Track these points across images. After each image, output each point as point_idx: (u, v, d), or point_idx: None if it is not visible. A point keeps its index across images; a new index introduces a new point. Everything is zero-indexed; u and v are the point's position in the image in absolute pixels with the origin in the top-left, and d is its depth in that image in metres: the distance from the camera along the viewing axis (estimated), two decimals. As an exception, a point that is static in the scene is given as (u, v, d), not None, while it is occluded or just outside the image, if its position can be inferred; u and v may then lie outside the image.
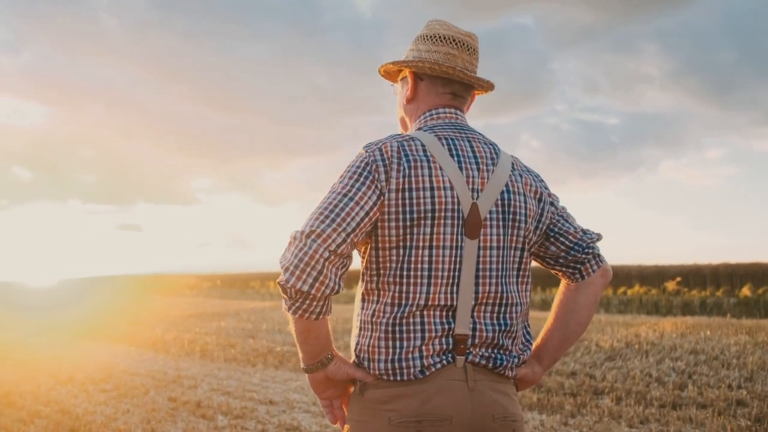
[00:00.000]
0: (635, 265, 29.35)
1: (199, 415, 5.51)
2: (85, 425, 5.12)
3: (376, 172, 1.49)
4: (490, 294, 1.55)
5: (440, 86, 1.67)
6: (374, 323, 1.52)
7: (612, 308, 16.18)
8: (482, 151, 1.60)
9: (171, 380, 7.15)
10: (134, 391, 6.55)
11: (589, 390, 6.03)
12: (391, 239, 1.50)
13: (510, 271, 1.59)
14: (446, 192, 1.51)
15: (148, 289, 34.08)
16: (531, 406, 5.50)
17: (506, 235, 1.57)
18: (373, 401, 1.51)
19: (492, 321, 1.55)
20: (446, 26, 1.68)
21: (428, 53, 1.65)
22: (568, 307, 1.73)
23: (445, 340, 1.51)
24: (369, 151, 1.53)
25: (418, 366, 1.49)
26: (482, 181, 1.56)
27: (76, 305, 21.41)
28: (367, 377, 1.53)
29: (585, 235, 1.72)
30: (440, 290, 1.50)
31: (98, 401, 6.12)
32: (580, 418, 5.15)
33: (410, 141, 1.55)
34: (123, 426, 5.11)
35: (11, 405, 5.95)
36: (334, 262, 1.42)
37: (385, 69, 1.74)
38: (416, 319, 1.50)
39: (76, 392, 6.57)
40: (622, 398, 5.71)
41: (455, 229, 1.51)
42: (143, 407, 5.80)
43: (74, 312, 18.24)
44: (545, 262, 1.74)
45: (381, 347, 1.50)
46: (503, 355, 1.57)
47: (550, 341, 1.75)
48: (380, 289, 1.53)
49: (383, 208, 1.49)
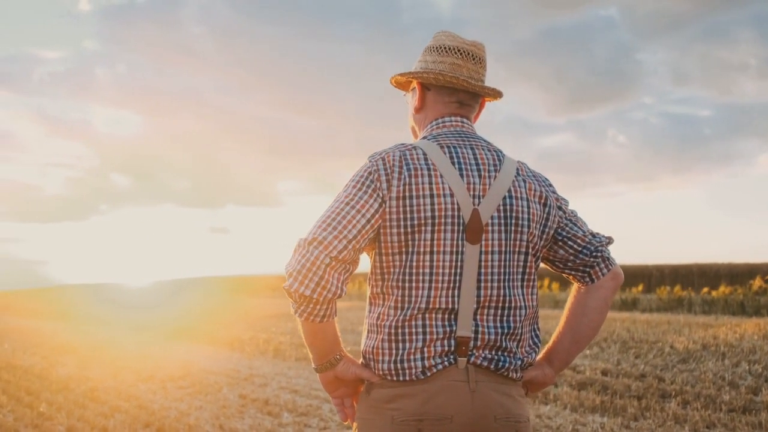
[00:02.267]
0: (725, 264, 28.10)
1: (266, 412, 5.73)
2: (159, 420, 5.42)
3: (378, 181, 1.57)
4: (492, 297, 1.59)
5: (446, 96, 1.73)
6: (379, 326, 1.60)
7: (695, 309, 15.57)
8: (485, 157, 1.65)
9: (243, 378, 7.43)
10: (208, 388, 6.86)
11: (656, 393, 5.89)
12: (393, 245, 1.58)
13: (514, 275, 1.63)
14: (446, 199, 1.57)
15: (235, 291, 35.15)
16: (593, 409, 5.44)
17: (508, 239, 1.61)
18: (378, 400, 1.59)
19: (495, 324, 1.60)
20: (452, 37, 1.73)
21: (434, 64, 1.71)
22: (578, 311, 1.76)
23: (447, 342, 1.56)
24: (372, 161, 1.61)
25: (419, 367, 1.55)
26: (484, 187, 1.61)
27: (166, 306, 22.39)
28: (373, 377, 1.60)
29: (594, 238, 1.74)
30: (441, 294, 1.56)
31: (174, 397, 6.45)
32: (642, 421, 5.06)
33: (412, 150, 1.62)
34: (194, 421, 5.37)
35: (95, 400, 6.35)
36: (336, 267, 1.50)
37: (395, 80, 1.81)
38: (418, 321, 1.56)
39: (156, 389, 6.93)
40: (689, 402, 5.55)
41: (456, 235, 1.57)
42: (215, 404, 6.07)
43: (164, 312, 19.08)
44: (555, 266, 1.78)
45: (384, 348, 1.58)
46: (507, 357, 1.60)
47: (560, 344, 1.79)
48: (384, 293, 1.61)
49: (385, 216, 1.56)
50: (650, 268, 28.66)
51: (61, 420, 5.45)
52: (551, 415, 5.33)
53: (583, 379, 6.56)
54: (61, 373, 8.01)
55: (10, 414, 5.74)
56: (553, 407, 5.59)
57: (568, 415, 5.32)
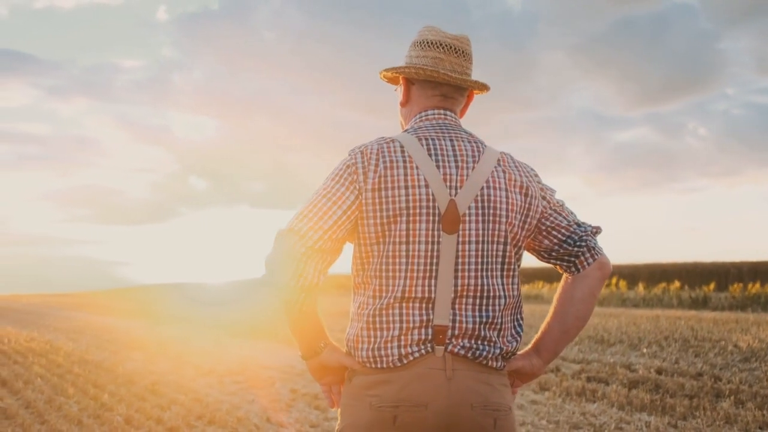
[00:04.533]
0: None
1: (314, 406, 5.86)
2: (211, 412, 5.62)
3: (355, 174, 1.62)
4: (470, 287, 1.62)
5: (429, 89, 1.77)
6: (359, 314, 1.66)
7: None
8: (463, 148, 1.68)
9: (296, 374, 7.61)
10: (262, 382, 7.06)
11: (710, 392, 5.71)
12: (371, 236, 1.63)
13: (492, 264, 1.65)
14: (420, 190, 1.61)
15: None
16: (641, 407, 5.32)
17: (486, 229, 1.64)
18: (359, 387, 1.64)
19: (473, 313, 1.62)
20: (434, 32, 1.76)
21: (417, 59, 1.76)
22: (565, 301, 1.76)
23: (424, 330, 1.60)
24: (351, 154, 1.67)
25: (395, 355, 1.59)
26: (461, 178, 1.64)
27: (239, 304, 22.87)
28: (354, 365, 1.66)
29: (579, 228, 1.74)
30: (417, 283, 1.60)
31: (229, 391, 6.67)
32: (691, 420, 4.92)
33: (390, 143, 1.66)
34: (243, 414, 5.55)
35: (155, 393, 6.63)
36: (312, 257, 1.56)
37: (384, 76, 1.86)
38: (395, 310, 1.61)
39: (213, 383, 7.19)
40: (744, 402, 5.36)
41: (431, 225, 1.60)
42: (266, 398, 6.25)
43: (236, 310, 19.51)
44: (540, 256, 1.79)
45: (363, 337, 1.63)
46: (486, 346, 1.63)
47: (549, 334, 1.79)
48: (365, 282, 1.66)
49: (362, 207, 1.61)
50: (726, 266, 27.49)
51: (120, 411, 5.72)
52: (596, 413, 5.25)
53: (635, 377, 6.42)
54: (128, 367, 8.38)
55: (76, 404, 6.07)
56: (600, 405, 5.51)
57: (615, 413, 5.22)
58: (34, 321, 17.18)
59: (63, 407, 5.91)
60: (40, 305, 25.78)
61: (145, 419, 5.42)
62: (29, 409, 6.00)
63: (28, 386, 7.05)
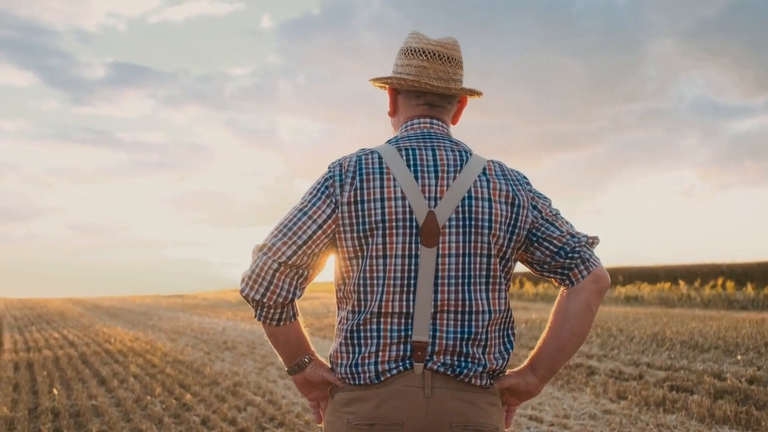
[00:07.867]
0: None
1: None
2: (283, 414, 5.76)
3: (332, 187, 1.61)
4: (451, 301, 1.58)
5: (414, 98, 1.74)
6: (339, 330, 1.65)
7: None
8: (445, 158, 1.64)
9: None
10: (338, 385, 7.14)
11: (805, 405, 5.28)
12: (348, 250, 1.61)
13: (476, 278, 1.60)
14: (397, 202, 1.58)
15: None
16: (724, 420, 4.99)
17: (468, 242, 1.59)
18: (338, 403, 1.63)
19: (455, 329, 1.58)
20: (418, 38, 1.72)
21: (402, 68, 1.73)
22: (560, 316, 1.69)
23: (403, 346, 1.57)
24: (331, 167, 1.66)
25: (372, 371, 1.57)
26: (441, 189, 1.60)
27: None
28: (336, 381, 1.65)
29: (572, 238, 1.66)
30: (394, 297, 1.57)
31: (305, 393, 6.79)
32: (777, 435, 4.56)
33: (369, 155, 1.64)
34: (311, 417, 5.64)
35: (235, 393, 6.87)
36: (285, 272, 1.57)
37: (373, 84, 1.84)
38: (372, 326, 1.58)
39: (291, 384, 7.34)
40: (841, 416, 4.92)
41: (408, 238, 1.57)
42: (339, 401, 6.32)
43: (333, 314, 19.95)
44: (533, 268, 1.72)
45: (342, 352, 1.62)
46: (468, 363, 1.58)
47: (544, 351, 1.71)
48: (346, 297, 1.65)
49: (338, 221, 1.60)
50: None
51: (199, 411, 5.97)
52: (674, 424, 4.97)
53: (723, 386, 6.03)
54: (216, 367, 8.72)
55: (161, 404, 6.38)
56: (679, 416, 5.21)
57: (693, 425, 4.93)
58: (143, 321, 18.16)
59: (149, 406, 6.22)
60: (152, 306, 27.26)
61: (220, 420, 5.62)
62: (119, 407, 6.37)
63: (122, 385, 7.49)
